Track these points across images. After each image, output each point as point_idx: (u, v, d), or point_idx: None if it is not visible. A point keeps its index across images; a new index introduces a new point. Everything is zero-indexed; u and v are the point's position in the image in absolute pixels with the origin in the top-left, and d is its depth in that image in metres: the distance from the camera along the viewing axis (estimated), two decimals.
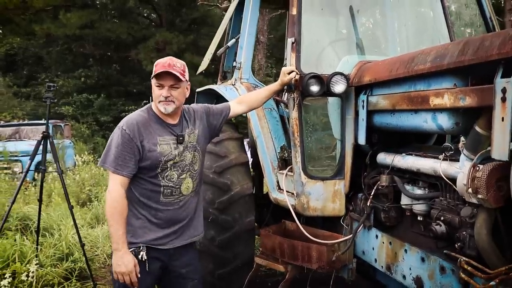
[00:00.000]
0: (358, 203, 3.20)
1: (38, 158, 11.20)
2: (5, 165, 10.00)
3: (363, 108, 2.96)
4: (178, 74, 2.52)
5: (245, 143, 4.41)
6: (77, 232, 4.44)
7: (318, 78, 3.03)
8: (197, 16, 21.79)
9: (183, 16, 22.21)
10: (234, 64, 4.31)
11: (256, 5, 4.19)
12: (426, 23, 4.06)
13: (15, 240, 4.72)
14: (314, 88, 3.03)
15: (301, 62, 3.16)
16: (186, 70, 2.63)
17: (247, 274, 3.67)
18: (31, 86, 22.77)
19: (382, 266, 2.90)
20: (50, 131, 13.19)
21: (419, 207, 2.61)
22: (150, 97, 2.70)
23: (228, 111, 2.96)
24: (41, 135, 4.27)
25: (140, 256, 2.55)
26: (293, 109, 3.18)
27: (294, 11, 3.22)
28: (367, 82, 2.90)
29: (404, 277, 2.65)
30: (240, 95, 4.03)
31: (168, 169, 2.61)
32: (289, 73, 3.03)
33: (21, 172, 10.51)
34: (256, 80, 4.31)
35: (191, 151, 2.71)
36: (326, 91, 3.05)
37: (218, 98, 4.83)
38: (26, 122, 14.17)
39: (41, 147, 4.41)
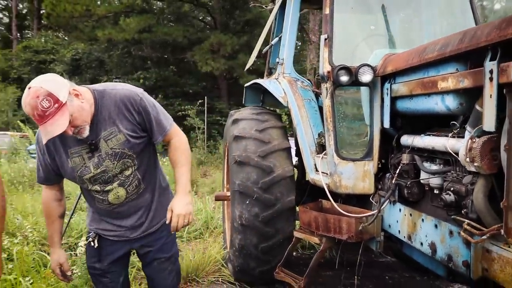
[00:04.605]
0: (386, 182, 3.50)
1: None
2: None
3: (387, 95, 3.29)
4: (60, 125, 2.05)
5: None
6: None
7: (347, 69, 3.37)
8: (250, 17, 22.30)
9: (236, 18, 22.84)
10: (277, 60, 4.72)
11: (296, 5, 4.57)
12: (454, 18, 4.29)
13: None
14: (344, 78, 3.38)
15: (333, 56, 3.54)
16: (57, 93, 2.06)
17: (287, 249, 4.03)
18: None
19: (404, 236, 3.21)
20: None
21: (435, 181, 2.90)
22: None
23: (164, 135, 2.61)
24: None
25: (91, 242, 2.59)
26: (326, 98, 3.56)
27: (327, 10, 3.60)
28: (390, 71, 3.23)
29: (421, 244, 2.95)
30: (283, 88, 4.44)
31: (88, 183, 2.40)
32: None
33: None
34: (297, 74, 4.67)
35: (115, 160, 2.36)
36: (355, 81, 3.40)
37: (265, 92, 5.27)
38: None
39: None
